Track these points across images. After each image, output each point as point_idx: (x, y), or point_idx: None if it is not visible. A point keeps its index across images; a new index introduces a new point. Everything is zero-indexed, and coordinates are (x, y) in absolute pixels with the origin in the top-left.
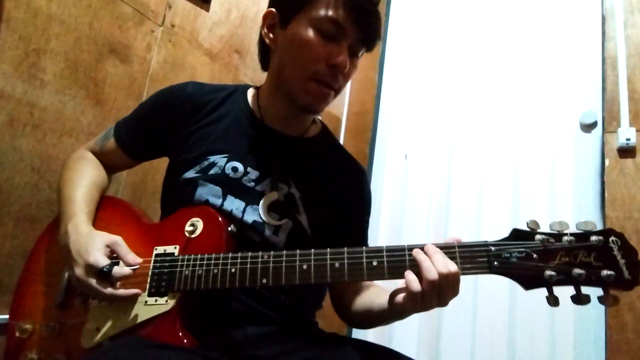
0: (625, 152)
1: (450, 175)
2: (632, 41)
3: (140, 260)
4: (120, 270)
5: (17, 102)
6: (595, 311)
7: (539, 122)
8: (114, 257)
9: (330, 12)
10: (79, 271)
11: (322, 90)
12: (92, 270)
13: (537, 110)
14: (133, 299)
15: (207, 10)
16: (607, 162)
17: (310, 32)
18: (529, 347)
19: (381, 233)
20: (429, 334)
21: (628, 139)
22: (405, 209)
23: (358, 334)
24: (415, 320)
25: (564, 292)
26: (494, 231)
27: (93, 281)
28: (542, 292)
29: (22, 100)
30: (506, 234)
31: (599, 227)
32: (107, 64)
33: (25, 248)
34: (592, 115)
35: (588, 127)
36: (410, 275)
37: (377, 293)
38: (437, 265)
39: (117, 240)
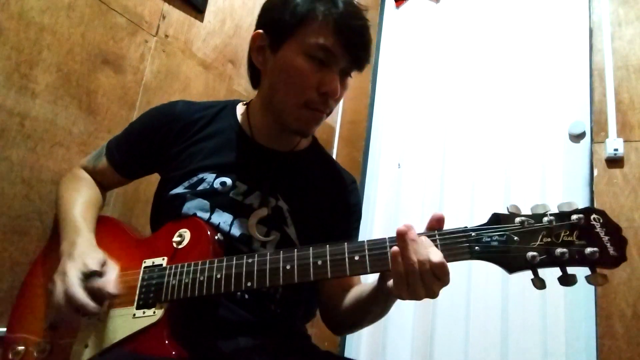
0: (614, 162)
1: (443, 183)
2: (619, 53)
3: (116, 292)
4: (102, 282)
5: (8, 112)
6: (586, 319)
7: (529, 131)
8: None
9: (321, 40)
10: (70, 265)
11: (315, 115)
12: (84, 269)
13: (527, 120)
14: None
15: (201, 20)
16: (595, 172)
17: (301, 60)
18: (520, 355)
19: None
20: (422, 342)
21: (616, 150)
22: (398, 217)
23: (351, 346)
24: (408, 327)
25: (556, 318)
26: None
27: (78, 276)
28: (534, 300)
29: (13, 111)
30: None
31: None
32: (100, 74)
33: (14, 260)
34: (581, 126)
35: (577, 138)
36: (396, 258)
37: (366, 285)
38: (419, 252)
39: (114, 267)
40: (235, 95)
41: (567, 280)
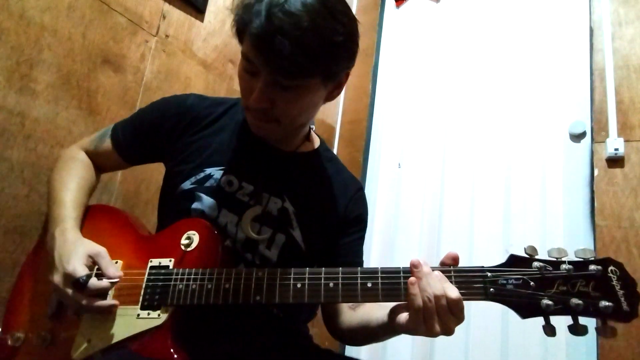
0: (614, 162)
1: (443, 183)
2: (619, 53)
3: (120, 273)
4: (96, 282)
5: (8, 112)
6: (587, 320)
7: (529, 131)
8: (97, 268)
9: (245, 49)
10: (57, 278)
11: (254, 121)
12: (69, 279)
13: (527, 119)
14: (112, 311)
15: (202, 20)
16: (596, 172)
17: (241, 68)
18: (521, 355)
19: (374, 241)
20: (423, 343)
21: (616, 149)
22: (398, 216)
23: (352, 348)
24: None
25: (560, 320)
26: (486, 239)
27: (69, 291)
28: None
29: (13, 111)
30: (498, 243)
31: (589, 236)
32: (100, 74)
33: (14, 260)
34: (581, 125)
35: (577, 137)
36: (414, 289)
37: (373, 307)
38: (434, 286)
39: (101, 251)
40: (235, 94)
41: (577, 330)
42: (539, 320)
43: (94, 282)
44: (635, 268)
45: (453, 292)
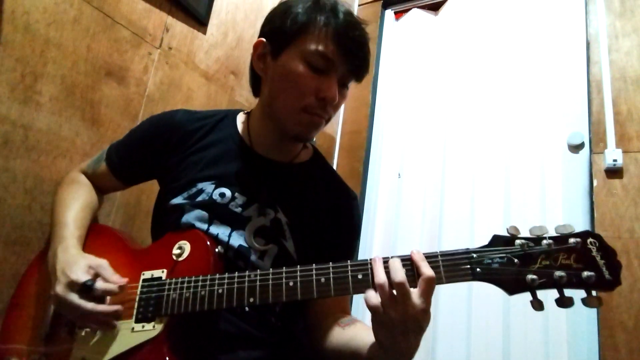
0: (613, 172)
1: (443, 193)
2: (616, 65)
3: (125, 279)
4: (103, 284)
5: (11, 123)
6: (588, 330)
7: (528, 142)
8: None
9: (320, 47)
10: (60, 288)
11: (313, 120)
12: (75, 286)
13: (526, 130)
14: (112, 321)
15: (204, 33)
16: (595, 183)
17: (301, 67)
18: (523, 352)
19: (374, 251)
20: (424, 348)
21: (615, 160)
22: (398, 227)
23: None
24: None
25: (559, 317)
26: None
27: (75, 297)
28: (536, 312)
29: (17, 122)
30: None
31: None
32: (103, 86)
33: (15, 271)
34: (580, 137)
35: (576, 148)
36: (369, 291)
37: (363, 329)
38: (392, 274)
39: (102, 263)
40: (237, 106)
41: (563, 302)
42: (541, 334)
43: (100, 284)
44: (635, 278)
45: (398, 275)
